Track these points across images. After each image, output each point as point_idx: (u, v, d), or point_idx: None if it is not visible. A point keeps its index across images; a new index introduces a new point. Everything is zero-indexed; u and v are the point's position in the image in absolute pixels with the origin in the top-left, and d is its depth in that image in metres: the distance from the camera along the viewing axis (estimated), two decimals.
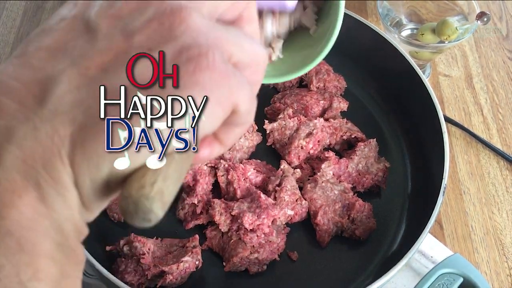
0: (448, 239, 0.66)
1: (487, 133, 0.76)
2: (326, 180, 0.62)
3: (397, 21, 0.80)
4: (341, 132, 0.66)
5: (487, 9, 0.90)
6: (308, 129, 0.65)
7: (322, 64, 0.72)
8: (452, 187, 0.70)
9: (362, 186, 0.64)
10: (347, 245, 0.61)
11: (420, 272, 0.56)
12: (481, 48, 0.86)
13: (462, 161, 0.73)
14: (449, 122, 0.76)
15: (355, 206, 0.60)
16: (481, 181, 0.71)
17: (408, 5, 0.81)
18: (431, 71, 0.82)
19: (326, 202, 0.60)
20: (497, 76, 0.82)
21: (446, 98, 0.79)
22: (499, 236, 0.66)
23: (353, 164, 0.63)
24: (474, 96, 0.80)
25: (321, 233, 0.60)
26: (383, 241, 0.61)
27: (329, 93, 0.71)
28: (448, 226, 0.67)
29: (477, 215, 0.68)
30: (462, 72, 0.83)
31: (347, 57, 0.75)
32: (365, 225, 0.60)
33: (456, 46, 0.85)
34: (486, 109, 0.78)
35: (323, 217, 0.60)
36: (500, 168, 0.72)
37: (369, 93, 0.73)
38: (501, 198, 0.70)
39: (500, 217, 0.68)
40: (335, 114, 0.69)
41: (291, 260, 0.59)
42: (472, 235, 0.66)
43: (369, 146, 0.65)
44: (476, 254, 0.65)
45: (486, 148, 0.74)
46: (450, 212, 0.68)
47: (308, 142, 0.64)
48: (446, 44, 0.74)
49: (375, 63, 0.73)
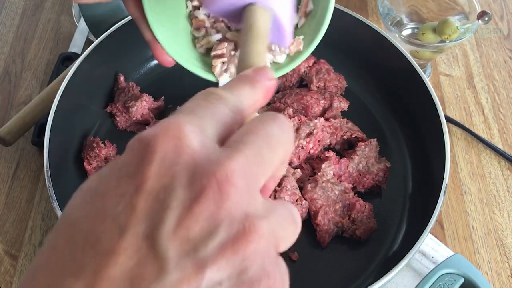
0: (449, 239, 0.66)
1: (488, 133, 0.76)
2: (327, 180, 0.62)
3: (397, 20, 0.80)
4: (341, 132, 0.66)
5: (488, 8, 0.90)
6: (309, 129, 0.65)
7: (322, 64, 0.72)
8: (453, 187, 0.70)
9: (363, 186, 0.63)
10: (348, 245, 0.60)
11: (421, 273, 0.56)
12: (482, 48, 0.85)
13: (463, 161, 0.72)
14: (450, 122, 0.75)
15: (355, 206, 0.60)
16: (482, 181, 0.71)
17: (409, 4, 0.81)
18: (432, 70, 0.82)
19: (326, 202, 0.60)
20: (498, 76, 0.82)
21: (447, 98, 0.79)
22: (500, 237, 0.66)
23: (353, 164, 0.63)
24: (475, 96, 0.79)
25: (322, 234, 0.59)
26: (383, 241, 0.60)
27: (329, 92, 0.70)
28: (449, 226, 0.67)
29: (478, 215, 0.68)
30: (463, 72, 0.82)
31: (348, 57, 0.74)
32: (365, 225, 0.59)
33: (457, 46, 0.85)
34: (487, 108, 0.78)
35: (324, 217, 0.59)
36: (501, 168, 0.72)
37: (370, 93, 0.73)
38: (502, 198, 0.69)
39: (501, 218, 0.68)
40: (335, 114, 0.69)
41: (291, 260, 0.59)
42: (473, 236, 0.66)
43: (370, 146, 0.65)
44: (477, 254, 0.65)
45: (487, 148, 0.73)
46: (451, 212, 0.68)
47: (309, 142, 0.64)
48: (447, 44, 0.74)
49: (375, 62, 0.72)
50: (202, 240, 0.19)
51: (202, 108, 0.22)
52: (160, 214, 0.19)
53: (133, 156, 0.20)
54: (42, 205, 0.67)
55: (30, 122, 0.69)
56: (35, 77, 0.80)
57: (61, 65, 0.79)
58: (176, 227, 0.19)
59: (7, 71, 0.81)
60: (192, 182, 0.19)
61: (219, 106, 0.22)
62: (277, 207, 0.21)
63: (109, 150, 0.64)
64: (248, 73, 0.25)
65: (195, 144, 0.20)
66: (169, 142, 0.20)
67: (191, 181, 0.19)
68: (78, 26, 0.85)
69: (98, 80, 0.70)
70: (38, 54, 0.83)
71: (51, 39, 0.85)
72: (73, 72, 0.64)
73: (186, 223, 0.19)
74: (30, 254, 0.64)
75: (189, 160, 0.19)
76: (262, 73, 0.25)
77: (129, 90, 0.69)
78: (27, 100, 0.77)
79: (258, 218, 0.20)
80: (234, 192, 0.19)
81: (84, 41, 0.84)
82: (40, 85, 0.79)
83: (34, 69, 0.81)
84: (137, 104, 0.67)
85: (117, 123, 0.68)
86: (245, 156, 0.20)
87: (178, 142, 0.20)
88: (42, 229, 0.66)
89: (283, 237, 0.21)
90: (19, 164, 0.71)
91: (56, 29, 0.86)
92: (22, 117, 0.68)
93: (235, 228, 0.19)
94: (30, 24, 0.87)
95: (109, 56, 0.69)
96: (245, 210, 0.20)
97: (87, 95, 0.68)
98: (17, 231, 0.65)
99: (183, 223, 0.19)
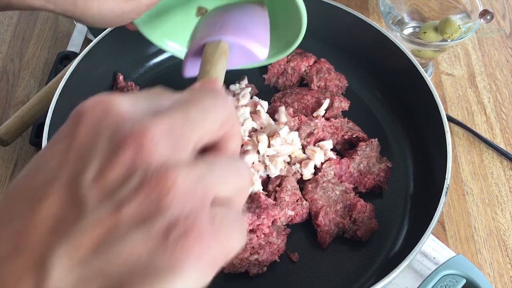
0: (451, 240, 0.65)
1: (490, 132, 0.75)
2: (327, 181, 0.61)
3: (399, 19, 0.80)
4: (342, 131, 0.65)
5: (490, 7, 0.90)
6: (309, 129, 0.64)
7: (323, 63, 0.72)
8: (454, 187, 0.70)
9: (364, 186, 0.63)
10: (349, 246, 0.60)
11: (422, 274, 0.56)
12: (484, 47, 0.85)
13: (465, 161, 0.72)
14: (452, 122, 0.75)
15: (356, 207, 0.59)
16: (484, 182, 0.70)
17: (410, 3, 0.81)
18: (433, 70, 0.81)
19: (327, 202, 0.60)
20: (500, 75, 0.81)
21: (448, 97, 0.79)
22: (502, 237, 0.66)
23: (354, 164, 0.63)
24: (477, 95, 0.79)
25: (322, 234, 0.59)
26: (385, 242, 0.60)
27: (330, 92, 0.70)
28: (451, 227, 0.66)
29: (480, 216, 0.67)
30: (465, 71, 0.82)
31: (348, 56, 0.74)
32: (366, 226, 0.59)
33: (459, 45, 0.84)
34: (489, 108, 0.77)
35: (324, 217, 0.59)
36: (503, 168, 0.71)
37: (371, 92, 0.73)
38: (505, 198, 0.69)
39: (504, 218, 0.67)
40: (336, 114, 0.68)
41: (292, 261, 0.59)
42: (475, 236, 0.66)
43: (371, 145, 0.64)
44: (479, 255, 0.64)
45: (489, 148, 0.73)
46: (453, 212, 0.68)
47: (309, 142, 0.64)
48: (449, 43, 0.73)
49: (376, 61, 0.72)
50: (118, 186, 0.21)
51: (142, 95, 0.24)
52: (83, 164, 0.21)
53: (68, 122, 0.23)
54: None
55: (28, 122, 0.69)
56: (33, 76, 0.80)
57: (60, 64, 0.79)
58: (96, 176, 0.21)
59: (5, 70, 0.80)
60: (114, 136, 0.21)
61: (158, 96, 0.25)
62: (215, 162, 0.23)
63: None
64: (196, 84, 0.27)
65: (123, 107, 0.22)
66: (99, 106, 0.22)
67: (113, 135, 0.22)
68: (76, 25, 0.85)
69: (97, 79, 0.69)
70: (36, 53, 0.83)
71: (49, 38, 0.85)
72: (71, 71, 0.63)
73: (105, 172, 0.21)
74: None
75: (115, 119, 0.22)
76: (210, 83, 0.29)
77: (128, 89, 0.69)
78: (25, 100, 0.76)
79: (177, 167, 0.21)
80: (151, 144, 0.21)
81: (82, 40, 0.83)
82: (38, 85, 0.79)
83: (32, 68, 0.81)
84: None
85: None
86: (170, 116, 0.22)
87: (107, 106, 0.22)
88: None
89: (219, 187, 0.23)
90: (17, 164, 0.71)
91: (54, 28, 0.86)
92: (20, 116, 0.68)
93: (150, 174, 0.21)
94: (28, 23, 0.86)
95: (107, 55, 0.69)
96: (163, 161, 0.21)
97: (86, 95, 0.66)
98: None
99: (101, 172, 0.21)
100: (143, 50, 0.74)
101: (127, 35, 0.68)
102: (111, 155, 0.21)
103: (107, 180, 0.21)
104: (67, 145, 0.22)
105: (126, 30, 0.58)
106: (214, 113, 0.24)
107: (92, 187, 0.21)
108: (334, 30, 0.74)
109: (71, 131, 0.22)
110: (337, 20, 0.72)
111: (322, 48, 0.74)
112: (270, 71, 0.72)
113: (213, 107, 0.24)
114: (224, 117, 0.24)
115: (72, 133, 0.22)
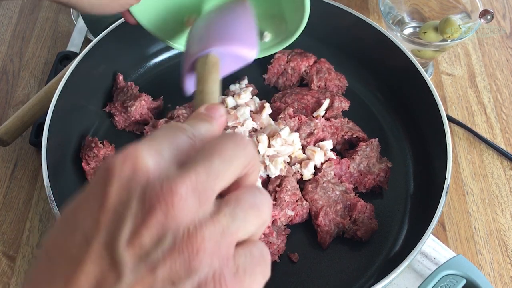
0: (451, 240, 0.65)
1: (491, 132, 0.75)
2: (328, 181, 0.61)
3: (399, 19, 0.79)
4: (342, 131, 0.65)
5: (490, 7, 0.89)
6: (309, 129, 0.64)
7: (323, 63, 0.72)
8: (455, 187, 0.69)
9: (364, 186, 0.63)
10: (349, 246, 0.60)
11: (422, 274, 0.56)
12: (484, 47, 0.85)
13: (465, 161, 0.72)
14: (452, 122, 0.75)
15: (356, 207, 0.59)
16: (484, 182, 0.70)
17: (410, 3, 0.80)
18: (433, 69, 0.81)
19: (327, 202, 0.60)
20: (500, 75, 0.81)
21: (449, 97, 0.79)
22: (502, 238, 0.65)
23: (354, 164, 0.63)
24: (477, 95, 0.79)
25: (322, 234, 0.59)
26: (385, 242, 0.60)
27: (330, 92, 0.70)
28: (451, 227, 0.66)
29: (480, 216, 0.67)
30: (465, 71, 0.82)
31: (349, 56, 0.74)
32: (366, 226, 0.59)
33: (459, 45, 0.84)
34: (489, 108, 0.77)
35: (324, 218, 0.59)
36: (503, 168, 0.71)
37: (371, 92, 0.73)
38: (505, 198, 0.69)
39: (504, 218, 0.67)
40: (336, 114, 0.68)
41: (292, 261, 0.59)
42: (475, 236, 0.66)
43: (371, 146, 0.64)
44: (479, 255, 0.64)
45: (489, 148, 0.73)
46: (453, 213, 0.67)
47: (309, 142, 0.64)
48: (449, 43, 0.73)
49: (377, 61, 0.72)
50: (153, 246, 0.22)
51: (162, 135, 0.25)
52: (118, 225, 0.22)
53: (97, 179, 0.23)
54: (40, 206, 0.67)
55: (28, 122, 0.68)
56: (33, 76, 0.80)
57: (59, 64, 0.79)
58: (131, 237, 0.22)
59: (5, 70, 0.80)
60: (145, 196, 0.22)
61: (178, 134, 0.25)
62: (237, 206, 0.24)
63: (107, 150, 0.63)
64: (202, 110, 0.29)
65: (150, 164, 0.23)
66: (127, 164, 0.23)
67: (144, 196, 0.22)
68: (76, 24, 0.85)
69: (97, 79, 0.69)
70: (36, 53, 0.82)
71: (49, 38, 0.84)
72: (71, 71, 0.63)
73: (139, 232, 0.22)
74: (27, 255, 0.63)
75: (143, 177, 0.23)
76: (214, 110, 0.29)
77: (128, 89, 0.69)
78: (25, 100, 0.76)
79: (203, 223, 0.23)
80: (180, 204, 0.22)
81: (82, 40, 0.83)
82: (38, 85, 0.79)
83: (32, 68, 0.81)
84: (136, 103, 0.66)
85: (116, 123, 0.68)
86: (195, 171, 0.23)
87: (134, 163, 0.23)
88: (40, 230, 0.65)
89: (243, 231, 0.24)
90: (17, 164, 0.71)
91: (54, 28, 0.86)
92: (20, 116, 0.68)
93: (181, 233, 0.22)
94: (28, 23, 0.86)
95: (107, 55, 0.69)
96: (191, 219, 0.22)
97: (86, 95, 0.67)
98: (14, 232, 0.65)
99: (136, 233, 0.22)
100: (143, 50, 0.73)
101: (127, 35, 0.68)
102: (143, 216, 0.22)
103: (141, 242, 0.22)
104: (99, 205, 0.23)
105: (126, 30, 0.58)
106: (237, 161, 0.25)
107: (128, 249, 0.22)
108: (334, 30, 0.74)
109: (102, 190, 0.23)
110: (337, 20, 0.72)
111: (322, 48, 0.74)
112: (270, 71, 0.72)
113: (235, 155, 0.25)
114: (246, 163, 0.25)
115: (103, 192, 0.23)
